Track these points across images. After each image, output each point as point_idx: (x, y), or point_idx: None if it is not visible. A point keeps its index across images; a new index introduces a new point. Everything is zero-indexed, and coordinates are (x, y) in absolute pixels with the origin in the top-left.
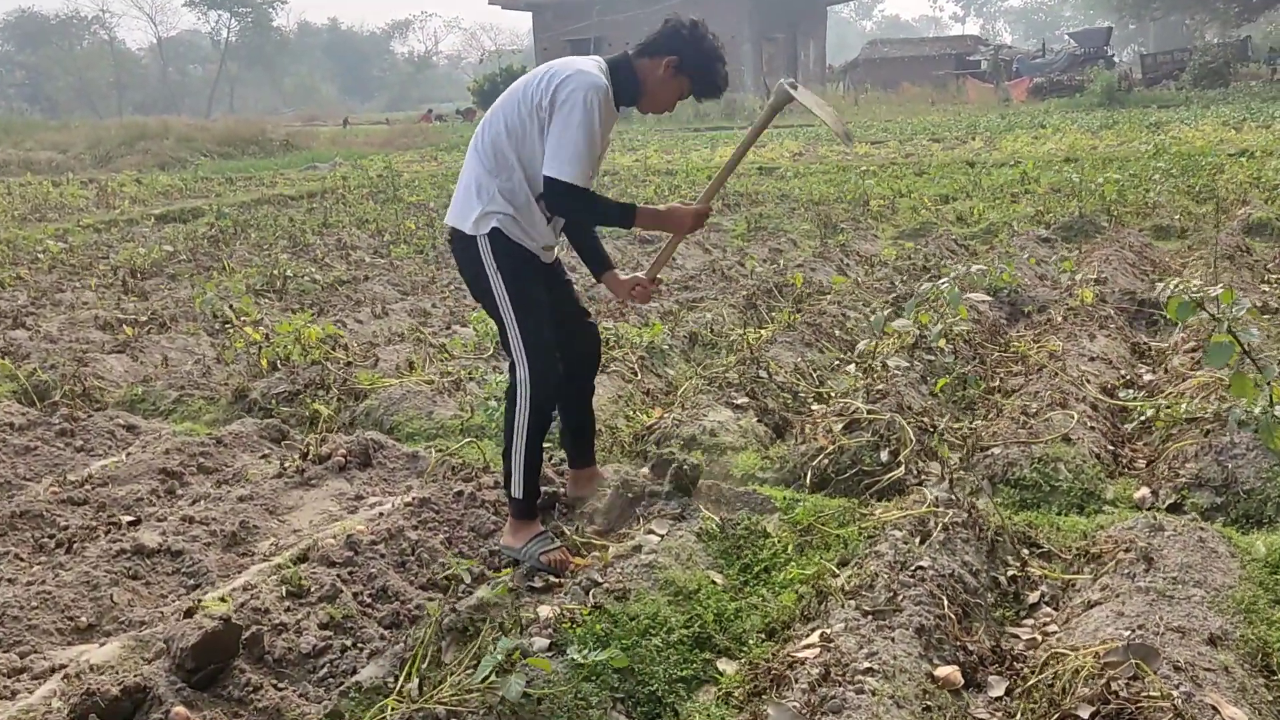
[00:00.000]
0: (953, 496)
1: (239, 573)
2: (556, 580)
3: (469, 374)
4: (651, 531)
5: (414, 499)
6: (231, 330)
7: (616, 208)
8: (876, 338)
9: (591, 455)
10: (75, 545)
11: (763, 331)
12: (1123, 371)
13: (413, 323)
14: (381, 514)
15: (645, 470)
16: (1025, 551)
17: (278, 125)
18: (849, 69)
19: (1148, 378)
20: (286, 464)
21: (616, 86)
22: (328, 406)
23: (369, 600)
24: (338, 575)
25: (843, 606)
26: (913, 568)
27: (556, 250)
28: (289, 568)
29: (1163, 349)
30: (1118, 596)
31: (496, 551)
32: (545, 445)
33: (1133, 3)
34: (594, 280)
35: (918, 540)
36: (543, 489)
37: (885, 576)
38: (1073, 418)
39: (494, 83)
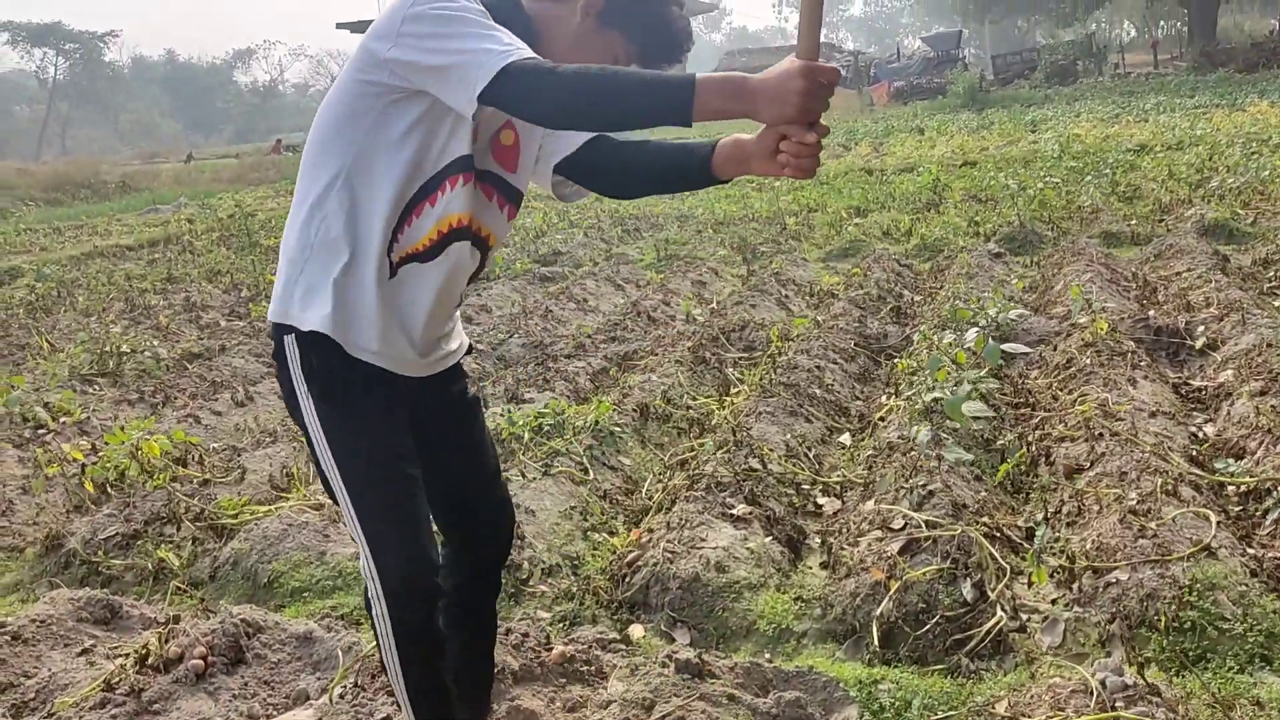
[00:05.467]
0: (1129, 681)
1: None
2: None
3: None
4: None
5: None
6: (49, 439)
7: (660, 78)
8: (943, 418)
9: (487, 703)
10: None
11: (735, 399)
12: (1188, 426)
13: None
14: None
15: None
16: None
17: (114, 165)
18: None
19: (1209, 429)
20: (115, 678)
21: None
22: (179, 554)
23: None
24: None
25: None
26: None
27: (449, 346)
28: None
29: (1209, 389)
30: None
31: None
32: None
33: (974, 8)
34: (708, 180)
35: None
36: None
37: None
38: (1209, 518)
39: None
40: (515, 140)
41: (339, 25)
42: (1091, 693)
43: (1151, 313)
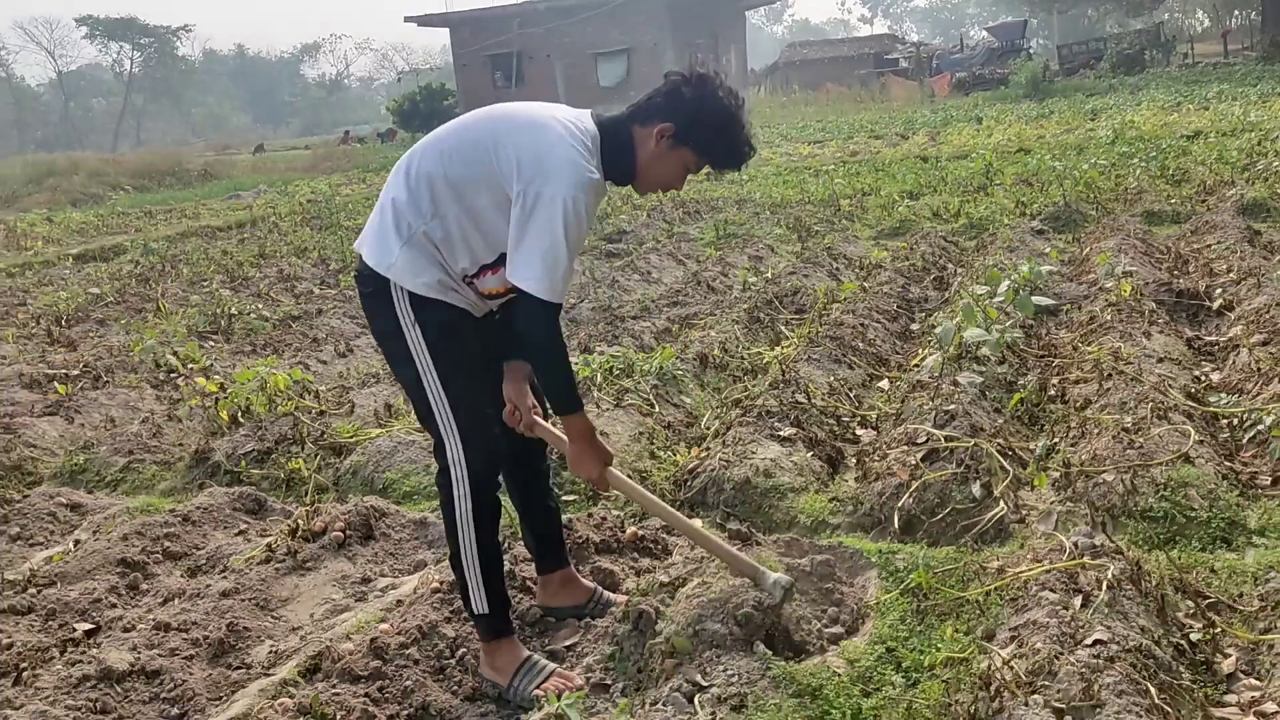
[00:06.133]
0: (1097, 542)
1: (234, 693)
2: None
3: None
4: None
5: (441, 583)
6: (181, 381)
7: (573, 382)
8: (946, 351)
9: (564, 552)
10: (25, 673)
11: (785, 349)
12: (1194, 371)
13: (383, 359)
14: (400, 602)
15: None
16: (1190, 604)
17: (194, 155)
18: (770, 72)
19: (1215, 376)
20: (275, 544)
21: (606, 162)
22: (308, 465)
23: None
24: (366, 695)
25: (1026, 704)
26: (1089, 642)
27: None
28: (299, 684)
29: (1220, 343)
30: None
31: (555, 653)
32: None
33: None
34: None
35: (1079, 603)
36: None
37: (1067, 659)
38: (1189, 433)
39: (413, 101)
40: None
41: (407, 19)
42: (1065, 550)
43: (1164, 276)
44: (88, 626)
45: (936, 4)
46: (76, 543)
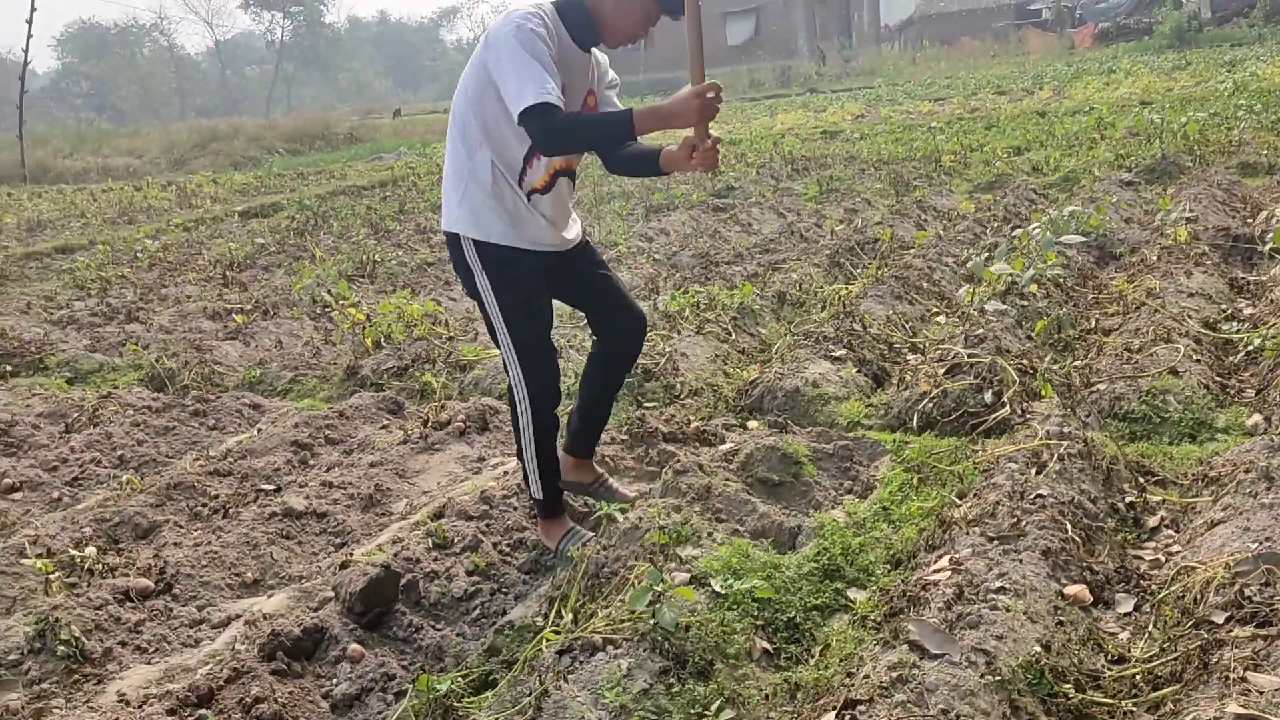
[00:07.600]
0: (1065, 430)
1: (380, 531)
2: None
3: (568, 341)
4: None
5: None
6: (335, 313)
7: (610, 119)
8: (977, 281)
9: (593, 448)
10: (230, 511)
11: (851, 287)
12: (1223, 306)
13: None
14: (506, 473)
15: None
16: (1141, 479)
17: (340, 120)
18: (905, 27)
19: (1248, 311)
20: (410, 431)
21: (572, 30)
22: (437, 379)
23: (508, 549)
24: (477, 528)
25: (967, 534)
26: (1032, 496)
27: (574, 232)
28: (429, 523)
29: (1262, 283)
30: (1241, 514)
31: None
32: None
33: None
34: (659, 174)
35: (1034, 471)
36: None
37: (1006, 505)
38: (1179, 350)
39: None
40: (595, 104)
41: None
42: (1038, 435)
43: (1231, 223)
44: (271, 486)
45: None
46: (259, 430)
